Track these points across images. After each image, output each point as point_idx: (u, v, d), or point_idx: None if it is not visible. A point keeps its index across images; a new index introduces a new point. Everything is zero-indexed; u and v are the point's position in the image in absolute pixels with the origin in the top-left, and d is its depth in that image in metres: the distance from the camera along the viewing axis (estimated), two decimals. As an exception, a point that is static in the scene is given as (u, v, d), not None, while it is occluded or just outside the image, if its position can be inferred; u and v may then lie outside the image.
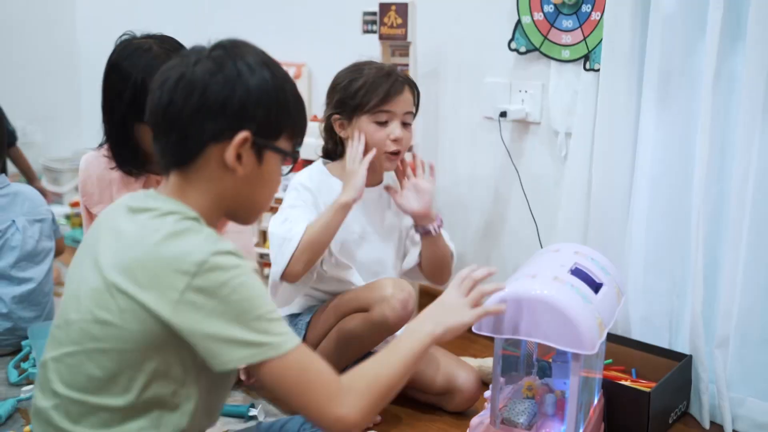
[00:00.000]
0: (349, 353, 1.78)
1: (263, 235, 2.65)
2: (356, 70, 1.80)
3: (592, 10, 1.91)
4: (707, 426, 1.78)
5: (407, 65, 2.23)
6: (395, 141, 1.76)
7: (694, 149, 1.72)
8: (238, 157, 1.05)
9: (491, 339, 1.45)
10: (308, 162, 1.97)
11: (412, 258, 1.92)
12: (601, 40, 1.85)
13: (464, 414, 1.79)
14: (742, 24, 1.64)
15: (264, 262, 2.50)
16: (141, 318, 0.99)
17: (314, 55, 2.89)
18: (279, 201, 2.39)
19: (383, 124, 1.76)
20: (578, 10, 1.94)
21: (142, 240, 1.01)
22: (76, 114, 4.14)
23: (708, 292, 1.75)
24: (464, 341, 2.28)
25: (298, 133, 1.13)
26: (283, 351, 1.00)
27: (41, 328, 2.08)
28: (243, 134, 1.04)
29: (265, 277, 2.11)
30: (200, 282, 0.97)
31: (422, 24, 2.25)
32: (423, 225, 1.82)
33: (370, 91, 1.74)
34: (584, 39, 1.94)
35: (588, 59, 1.94)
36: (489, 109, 2.18)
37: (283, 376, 1.01)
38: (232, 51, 1.07)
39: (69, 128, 4.13)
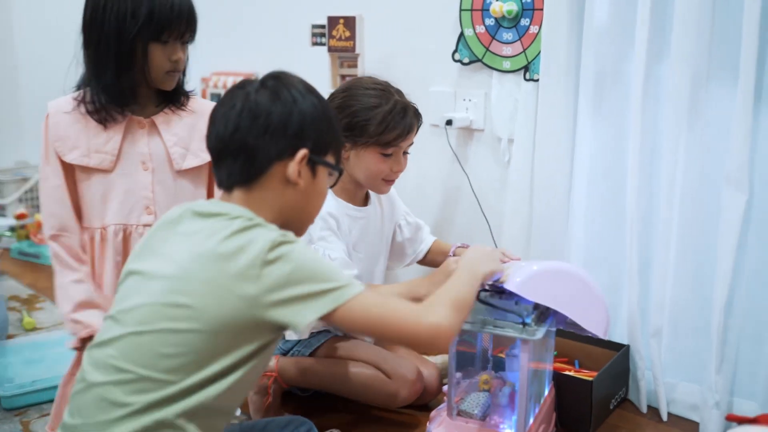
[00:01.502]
0: (333, 384, 1.85)
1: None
2: (370, 96, 1.79)
3: (530, 24, 2.03)
4: (645, 410, 1.91)
5: (356, 76, 2.31)
6: (397, 172, 1.85)
7: (627, 153, 1.85)
8: (298, 172, 1.20)
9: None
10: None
11: (413, 257, 2.07)
12: (540, 52, 1.96)
13: (427, 407, 1.88)
14: (667, 36, 1.78)
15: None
16: (221, 299, 1.09)
17: (264, 65, 2.93)
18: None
19: (389, 155, 1.82)
20: (517, 24, 2.06)
21: (217, 232, 1.12)
22: (17, 124, 4.09)
23: (642, 286, 1.88)
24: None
25: (340, 148, 1.31)
26: (359, 290, 1.14)
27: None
28: (303, 152, 1.20)
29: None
30: (274, 254, 1.10)
31: (370, 36, 2.34)
32: None
33: (389, 128, 1.77)
34: (524, 51, 2.06)
35: (527, 70, 2.06)
36: (435, 118, 2.28)
37: (367, 310, 1.14)
38: (284, 80, 1.24)
39: (10, 139, 4.08)
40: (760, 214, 1.71)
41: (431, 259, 2.08)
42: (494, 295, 1.56)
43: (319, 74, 2.41)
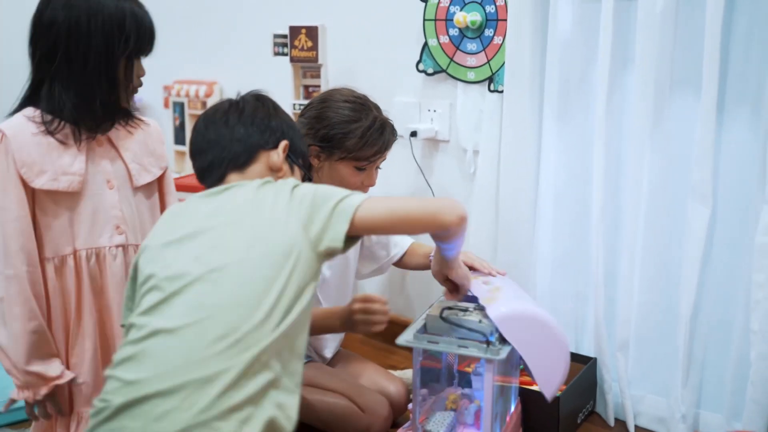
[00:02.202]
0: (306, 413, 1.75)
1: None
2: (349, 109, 1.78)
3: (494, 35, 2.01)
4: (612, 423, 1.90)
5: (319, 86, 2.28)
6: (369, 186, 1.83)
7: (593, 165, 1.84)
8: (282, 161, 1.40)
9: (410, 350, 1.53)
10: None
11: (387, 259, 2.01)
12: (504, 63, 1.94)
13: (395, 424, 1.85)
14: (630, 47, 1.77)
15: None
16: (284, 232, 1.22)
17: (226, 74, 2.90)
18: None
19: (362, 170, 1.80)
20: (481, 34, 2.04)
21: (254, 189, 1.29)
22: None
23: (608, 299, 1.87)
24: (383, 352, 2.35)
25: (307, 158, 1.51)
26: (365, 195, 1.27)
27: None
28: (285, 142, 1.40)
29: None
30: (299, 191, 1.27)
31: (334, 46, 2.30)
32: None
33: (367, 145, 1.76)
34: (488, 62, 2.04)
35: (492, 81, 2.04)
36: (400, 128, 2.25)
37: (385, 202, 1.27)
38: (263, 96, 1.48)
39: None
40: (724, 228, 1.71)
41: (408, 262, 2.01)
42: (458, 312, 1.54)
43: (282, 85, 2.38)
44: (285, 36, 2.29)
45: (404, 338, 1.53)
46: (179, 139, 3.13)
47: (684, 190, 1.71)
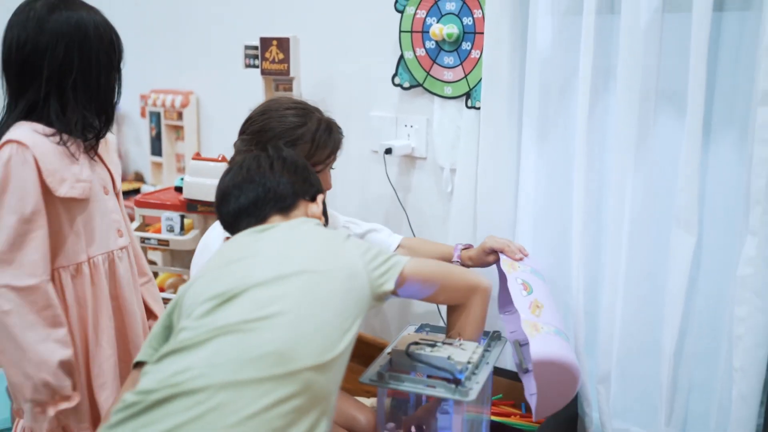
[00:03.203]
0: None
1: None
2: (291, 116, 1.68)
3: (471, 48, 1.92)
4: (593, 458, 1.81)
5: (291, 100, 2.18)
6: (325, 189, 1.72)
7: (573, 188, 1.74)
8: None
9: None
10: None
11: None
12: (482, 78, 1.85)
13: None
14: (612, 63, 1.67)
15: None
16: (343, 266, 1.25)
17: (202, 84, 2.81)
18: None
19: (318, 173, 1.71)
20: (459, 48, 1.94)
21: (310, 227, 1.34)
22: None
23: (589, 330, 1.77)
24: (359, 375, 2.26)
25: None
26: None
27: None
28: (322, 195, 1.47)
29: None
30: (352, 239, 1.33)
31: (307, 58, 2.21)
32: None
33: (319, 147, 1.66)
34: (465, 77, 1.94)
35: (469, 97, 1.94)
36: (376, 144, 2.16)
37: (426, 263, 1.40)
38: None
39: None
40: (709, 257, 1.61)
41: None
42: (425, 348, 1.45)
43: (254, 97, 2.28)
44: (256, 47, 2.19)
45: (368, 376, 1.44)
46: (155, 149, 3.04)
47: (668, 216, 1.62)
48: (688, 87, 1.52)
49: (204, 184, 2.20)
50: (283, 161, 1.43)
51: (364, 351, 2.18)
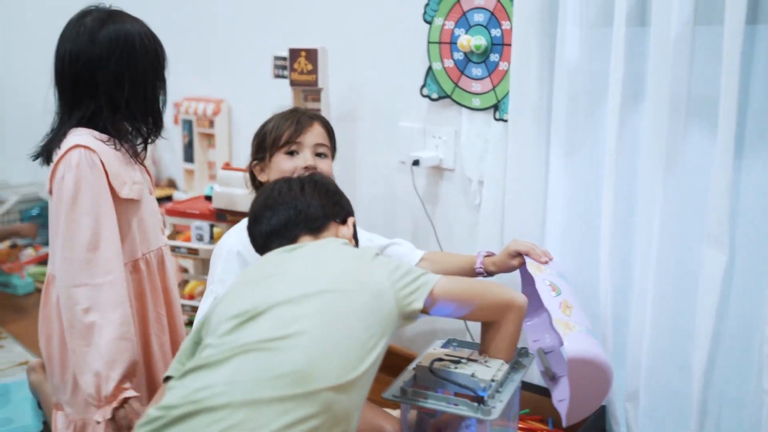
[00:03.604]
0: None
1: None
2: (272, 117, 1.84)
3: (500, 60, 1.90)
4: (621, 477, 1.78)
5: (319, 110, 2.19)
6: (306, 169, 1.73)
7: (602, 203, 1.72)
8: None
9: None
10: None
11: None
12: (509, 91, 1.83)
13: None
14: (642, 77, 1.64)
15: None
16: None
17: (233, 93, 2.84)
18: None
19: (293, 154, 1.76)
20: (487, 59, 1.93)
21: (337, 246, 1.35)
22: (6, 134, 4.00)
23: (617, 346, 1.75)
24: (387, 386, 2.26)
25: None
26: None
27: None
28: (353, 218, 1.51)
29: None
30: (382, 257, 1.34)
31: (336, 68, 2.22)
32: None
33: (279, 128, 1.78)
34: (493, 88, 1.93)
35: (497, 109, 1.93)
36: (404, 155, 2.15)
37: (459, 282, 1.39)
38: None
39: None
40: (742, 276, 1.57)
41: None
42: (449, 364, 1.44)
43: (283, 107, 2.28)
44: (285, 58, 2.20)
45: (391, 392, 1.43)
46: (188, 156, 3.07)
47: (699, 233, 1.59)
48: (720, 101, 1.48)
49: (233, 194, 2.21)
50: (314, 184, 1.46)
51: (392, 361, 2.18)
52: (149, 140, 1.66)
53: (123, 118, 1.58)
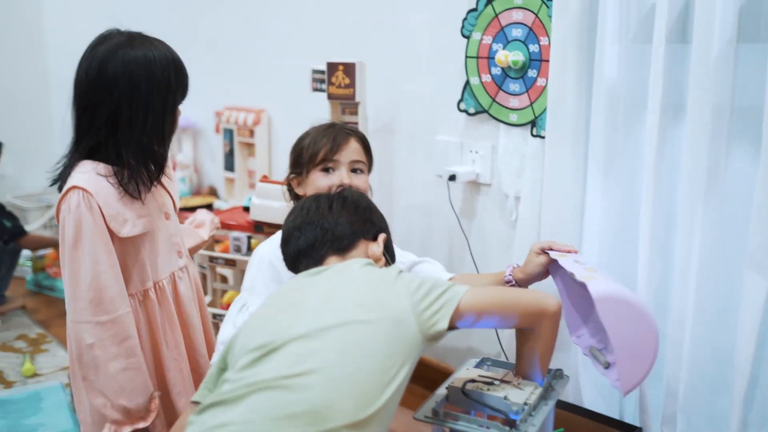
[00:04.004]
0: None
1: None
2: (310, 132, 1.84)
3: (537, 76, 1.88)
4: (658, 501, 1.75)
5: (356, 123, 2.20)
6: (342, 186, 1.73)
7: (640, 224, 1.69)
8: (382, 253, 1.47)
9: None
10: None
11: None
12: (547, 107, 1.82)
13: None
14: (682, 95, 1.61)
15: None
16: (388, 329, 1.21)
17: (273, 103, 2.86)
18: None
19: (329, 171, 1.76)
20: (524, 75, 1.91)
21: (354, 269, 1.33)
22: (48, 148, 4.09)
23: (655, 368, 1.71)
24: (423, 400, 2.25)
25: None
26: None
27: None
28: (383, 235, 1.47)
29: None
30: (405, 275, 1.31)
31: (373, 82, 2.22)
32: None
33: (315, 144, 1.78)
34: (531, 104, 1.91)
35: (534, 125, 1.91)
36: (441, 168, 2.15)
37: (486, 292, 1.34)
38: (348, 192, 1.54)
39: (41, 162, 4.08)
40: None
41: None
42: (481, 386, 1.43)
43: (322, 119, 2.30)
44: (323, 72, 2.21)
45: (422, 413, 1.43)
46: (228, 165, 3.11)
47: (740, 257, 1.55)
48: (764, 120, 1.45)
49: (270, 206, 2.23)
50: (342, 201, 1.45)
51: (427, 374, 2.18)
52: (153, 177, 1.59)
53: (126, 151, 1.52)
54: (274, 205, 2.21)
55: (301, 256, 1.41)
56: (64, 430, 2.07)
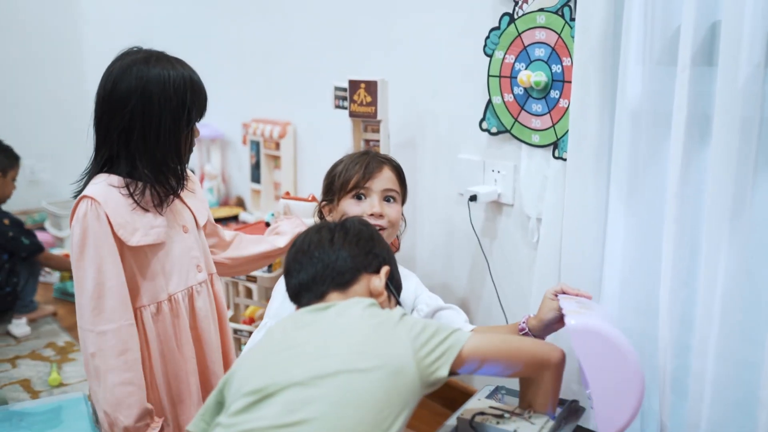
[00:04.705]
0: None
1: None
2: (344, 159, 1.85)
3: (560, 97, 1.84)
4: None
5: (378, 141, 2.18)
6: (372, 215, 1.73)
7: (663, 251, 1.64)
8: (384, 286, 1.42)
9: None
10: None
11: None
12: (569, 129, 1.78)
13: None
14: (708, 120, 1.56)
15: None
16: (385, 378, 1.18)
17: (298, 117, 2.86)
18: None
19: (361, 198, 1.76)
20: (547, 95, 1.87)
21: (357, 310, 1.29)
22: (83, 156, 4.16)
23: (676, 399, 1.66)
24: (441, 418, 2.23)
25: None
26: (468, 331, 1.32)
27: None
28: (386, 268, 1.42)
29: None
30: (409, 318, 1.28)
31: (396, 99, 2.20)
32: None
33: (348, 171, 1.78)
34: (553, 126, 1.87)
35: (557, 147, 1.87)
36: (461, 189, 2.12)
37: (490, 340, 1.31)
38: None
39: (76, 170, 4.15)
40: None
41: None
42: (490, 418, 1.40)
43: (345, 134, 2.29)
44: (345, 89, 2.20)
45: None
46: (255, 177, 3.12)
47: (766, 288, 1.49)
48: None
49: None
50: (345, 233, 1.41)
51: (446, 393, 2.15)
52: (170, 191, 1.61)
53: (139, 166, 1.56)
54: (295, 222, 2.20)
55: (302, 290, 1.38)
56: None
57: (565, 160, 1.83)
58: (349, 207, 1.76)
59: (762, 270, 1.52)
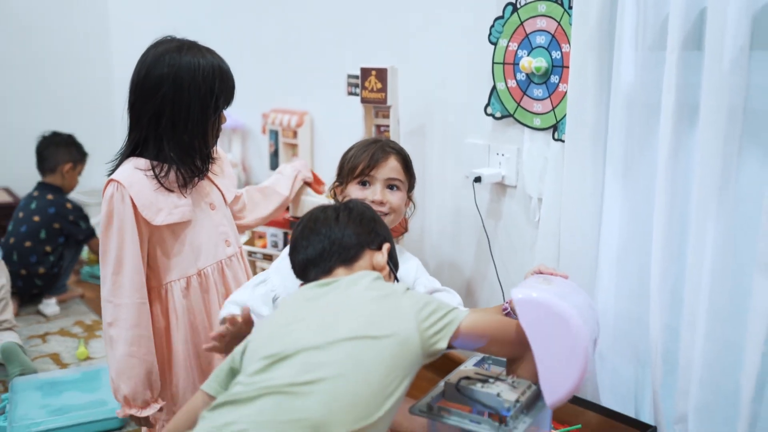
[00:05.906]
0: None
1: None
2: (355, 145, 1.93)
3: (559, 82, 1.92)
4: (670, 499, 1.76)
5: (388, 126, 2.27)
6: (374, 202, 1.82)
7: (654, 228, 1.71)
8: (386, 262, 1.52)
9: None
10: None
11: None
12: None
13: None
14: (697, 103, 1.63)
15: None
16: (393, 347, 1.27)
17: (315, 106, 2.96)
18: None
19: (366, 185, 1.85)
20: (547, 80, 1.95)
21: (365, 283, 1.38)
22: (112, 146, 4.29)
23: (668, 368, 1.74)
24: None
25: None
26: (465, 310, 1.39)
27: (23, 382, 2.18)
28: (387, 245, 1.51)
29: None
30: (413, 292, 1.38)
31: (406, 86, 2.29)
32: None
33: (356, 158, 1.87)
34: (553, 109, 1.95)
35: (556, 129, 1.95)
36: (467, 171, 2.20)
37: (485, 317, 1.40)
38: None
39: (105, 159, 4.28)
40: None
41: None
42: (476, 383, 1.47)
43: (358, 121, 2.38)
44: (357, 77, 2.29)
45: (418, 407, 1.48)
46: (274, 165, 3.22)
47: (751, 261, 1.56)
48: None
49: (306, 203, 2.32)
50: (349, 212, 1.50)
51: (440, 363, 2.23)
52: (196, 172, 1.72)
53: (167, 149, 1.66)
54: (310, 200, 2.30)
55: (309, 265, 1.46)
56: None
57: (563, 141, 1.90)
58: (354, 192, 1.85)
59: (746, 244, 1.59)
